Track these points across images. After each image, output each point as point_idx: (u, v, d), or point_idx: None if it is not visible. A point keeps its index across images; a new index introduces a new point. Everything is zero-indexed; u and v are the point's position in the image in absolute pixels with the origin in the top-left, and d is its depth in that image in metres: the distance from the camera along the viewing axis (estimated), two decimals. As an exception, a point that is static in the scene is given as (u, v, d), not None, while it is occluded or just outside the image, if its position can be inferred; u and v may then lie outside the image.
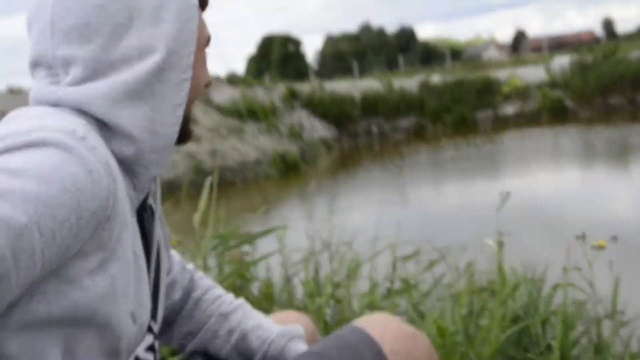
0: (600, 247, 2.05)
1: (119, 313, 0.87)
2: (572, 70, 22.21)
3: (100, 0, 0.90)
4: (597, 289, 2.12)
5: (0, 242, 0.67)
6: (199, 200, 2.84)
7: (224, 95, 20.18)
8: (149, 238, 1.04)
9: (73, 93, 0.89)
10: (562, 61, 23.23)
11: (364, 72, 29.82)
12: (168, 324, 1.23)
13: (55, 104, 0.90)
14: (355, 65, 30.48)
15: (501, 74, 22.75)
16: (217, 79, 21.51)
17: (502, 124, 19.77)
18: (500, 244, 2.25)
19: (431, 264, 2.67)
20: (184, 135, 1.00)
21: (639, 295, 2.26)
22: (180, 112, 0.94)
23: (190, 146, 15.00)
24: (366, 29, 59.23)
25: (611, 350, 2.06)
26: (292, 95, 22.19)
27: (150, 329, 1.04)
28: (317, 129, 20.36)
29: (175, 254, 1.24)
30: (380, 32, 57.57)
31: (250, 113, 19.12)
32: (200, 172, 12.84)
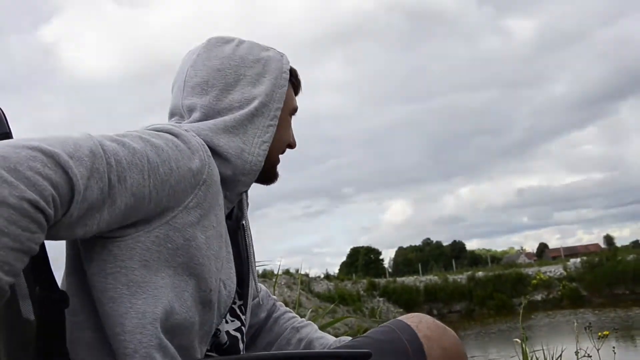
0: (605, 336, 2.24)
1: (210, 268, 0.97)
2: (583, 268, 24.65)
3: (219, 66, 1.11)
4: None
5: (120, 153, 0.84)
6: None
7: (322, 287, 23.17)
8: (242, 251, 1.17)
9: (189, 126, 1.04)
10: (576, 262, 25.75)
11: (426, 272, 31.84)
12: (254, 338, 1.34)
13: None
14: (419, 267, 33.49)
15: (530, 271, 24.98)
16: (317, 277, 24.37)
17: (532, 308, 20.90)
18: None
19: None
20: (271, 175, 1.17)
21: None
22: (265, 148, 1.08)
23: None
24: (428, 243, 66.54)
25: None
26: (372, 287, 24.98)
27: (238, 316, 1.15)
28: (391, 311, 22.82)
29: (262, 285, 1.34)
30: (439, 245, 66.38)
31: (341, 299, 21.59)
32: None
